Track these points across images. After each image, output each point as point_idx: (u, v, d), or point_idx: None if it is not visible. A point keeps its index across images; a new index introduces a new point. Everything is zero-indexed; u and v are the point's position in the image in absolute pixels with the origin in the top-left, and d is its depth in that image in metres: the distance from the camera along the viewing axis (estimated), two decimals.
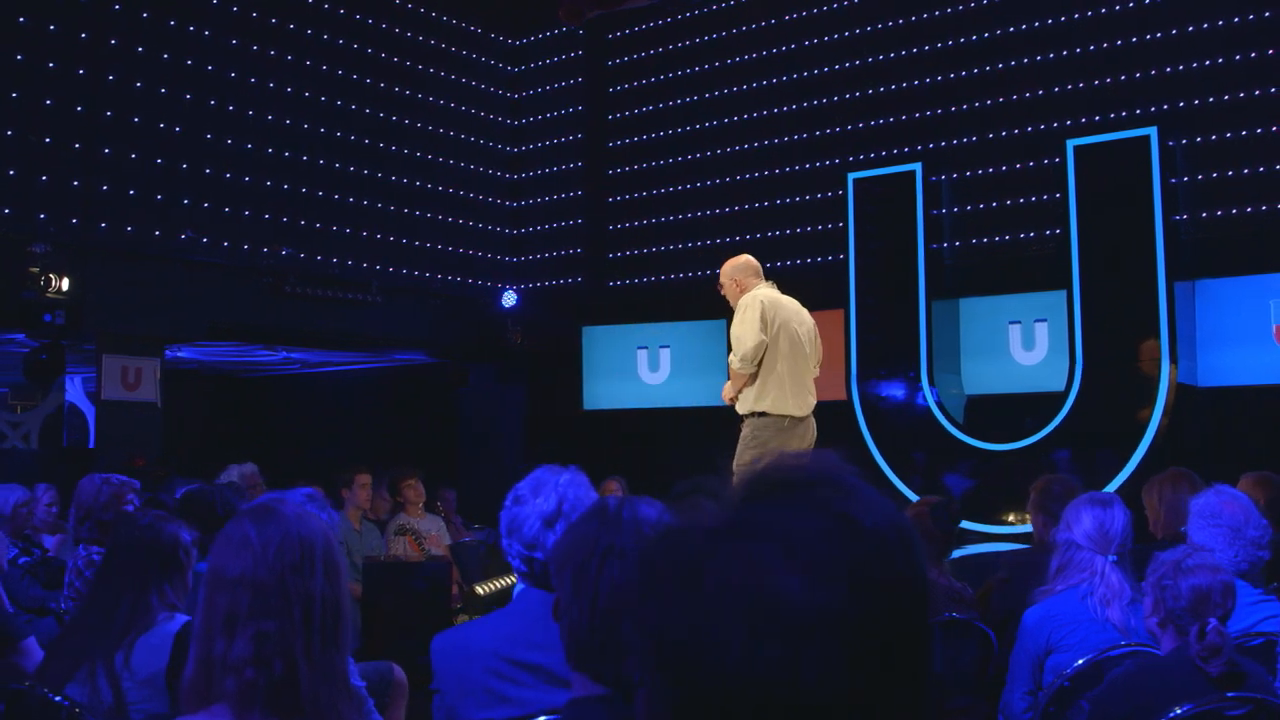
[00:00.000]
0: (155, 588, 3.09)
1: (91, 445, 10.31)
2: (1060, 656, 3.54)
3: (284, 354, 11.90)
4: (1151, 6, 8.89)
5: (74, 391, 12.90)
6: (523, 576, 2.67)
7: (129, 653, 3.00)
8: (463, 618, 6.06)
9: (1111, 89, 9.00)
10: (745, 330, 6.01)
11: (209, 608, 1.81)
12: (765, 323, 6.01)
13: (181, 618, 3.12)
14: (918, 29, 9.97)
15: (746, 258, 6.36)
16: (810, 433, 6.20)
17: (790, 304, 6.29)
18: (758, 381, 6.00)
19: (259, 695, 1.75)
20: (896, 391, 9.47)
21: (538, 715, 2.48)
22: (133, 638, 3.02)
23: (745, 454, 5.95)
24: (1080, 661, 3.46)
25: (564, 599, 1.77)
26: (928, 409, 9.29)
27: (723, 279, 6.33)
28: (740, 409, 6.06)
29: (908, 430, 9.40)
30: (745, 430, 6.01)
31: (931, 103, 9.85)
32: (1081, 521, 3.64)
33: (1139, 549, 3.77)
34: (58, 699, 2.93)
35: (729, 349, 6.13)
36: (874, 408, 9.56)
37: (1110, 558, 3.58)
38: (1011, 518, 8.60)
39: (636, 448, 10.42)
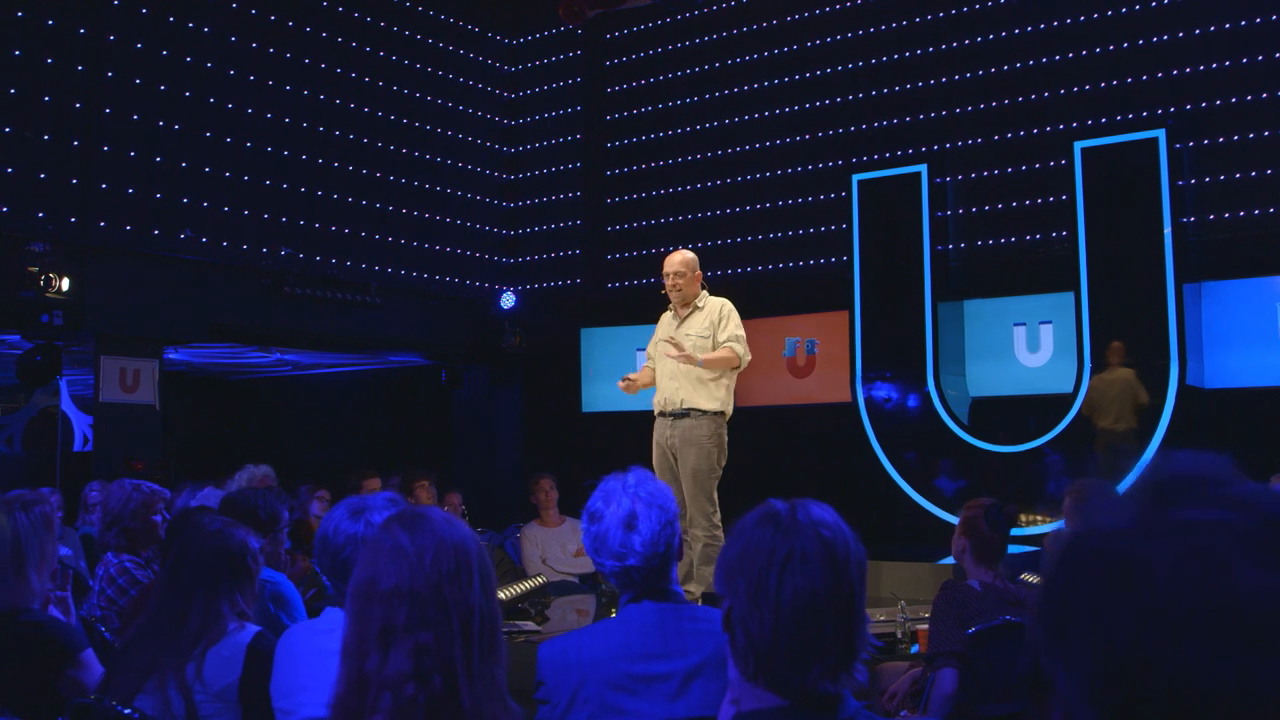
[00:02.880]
0: (226, 596, 2.99)
1: (77, 449, 10.13)
2: None
3: (276, 355, 11.74)
4: (1160, 9, 8.91)
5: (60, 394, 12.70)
6: (624, 588, 2.60)
7: (201, 664, 2.89)
8: None
9: (1119, 91, 9.01)
10: (740, 331, 6.02)
11: (360, 621, 1.72)
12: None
13: (252, 628, 3.02)
14: (923, 29, 9.95)
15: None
16: None
17: None
18: (725, 384, 5.98)
19: (419, 711, 1.66)
20: (902, 393, 9.45)
21: None
22: (204, 648, 2.91)
23: (714, 453, 5.88)
24: None
25: (739, 609, 1.69)
26: (934, 411, 9.27)
27: (684, 270, 6.07)
28: (702, 404, 5.91)
29: (913, 432, 9.38)
30: (707, 428, 5.89)
31: (937, 104, 9.82)
32: None
33: None
34: (127, 712, 2.82)
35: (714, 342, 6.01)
36: (879, 409, 9.54)
37: None
38: (1022, 519, 8.59)
39: (636, 450, 10.31)
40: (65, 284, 7.97)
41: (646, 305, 11.09)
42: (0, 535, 3.24)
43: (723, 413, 5.98)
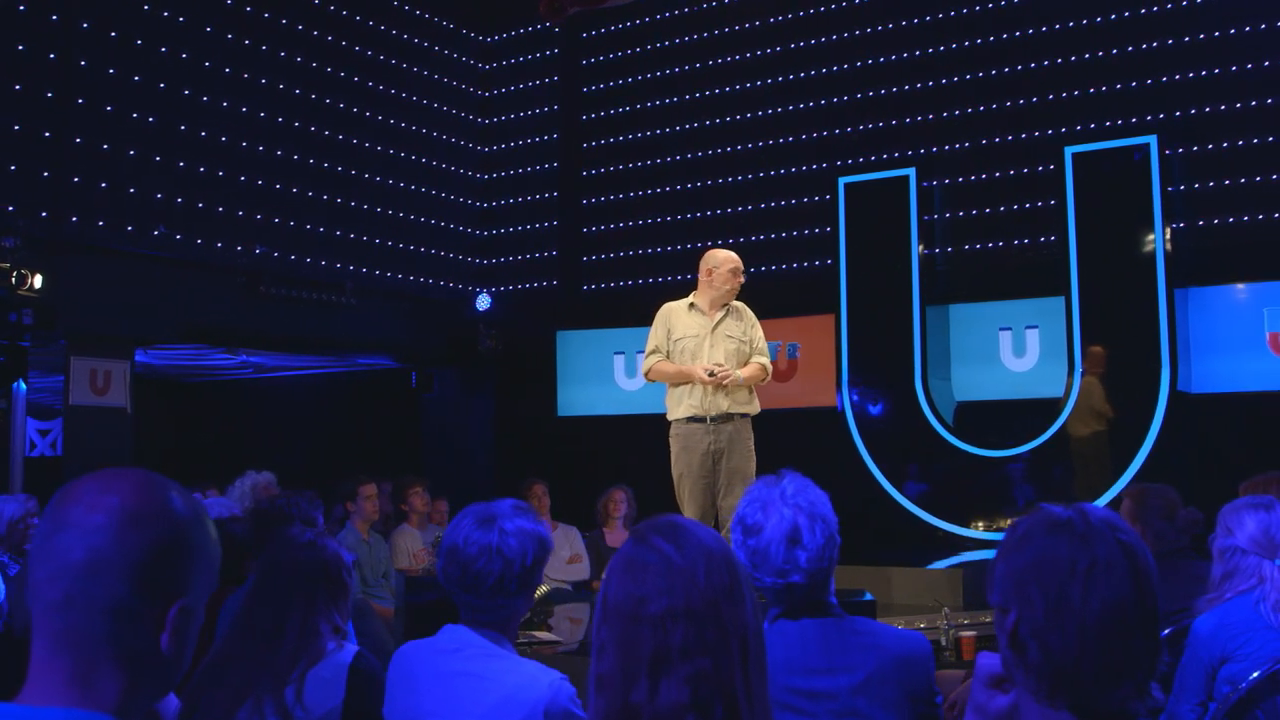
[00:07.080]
0: (323, 614, 2.79)
1: (25, 454, 9.72)
2: (1235, 666, 3.42)
3: (241, 358, 11.37)
4: (1151, 15, 8.95)
5: None
6: (779, 603, 2.46)
7: (300, 687, 2.69)
8: None
9: (1110, 96, 9.04)
10: (764, 341, 6.08)
11: (625, 646, 1.54)
12: None
13: (351, 647, 2.82)
14: (912, 32, 9.91)
15: None
16: None
17: None
18: (754, 388, 6.03)
19: None
20: (888, 398, 9.39)
21: None
22: (303, 669, 2.71)
23: (753, 454, 5.85)
24: (1256, 674, 3.35)
25: (1032, 623, 1.55)
26: (921, 415, 9.21)
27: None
28: (744, 408, 5.90)
29: (901, 437, 9.32)
30: (747, 430, 5.90)
31: (926, 107, 9.78)
32: (1244, 526, 3.53)
33: None
34: None
35: (752, 347, 6.03)
36: (865, 414, 9.47)
37: (1278, 562, 3.48)
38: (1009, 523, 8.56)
39: (613, 456, 10.13)
40: (38, 281, 7.58)
41: (623, 308, 10.98)
42: None
43: (748, 415, 5.98)
